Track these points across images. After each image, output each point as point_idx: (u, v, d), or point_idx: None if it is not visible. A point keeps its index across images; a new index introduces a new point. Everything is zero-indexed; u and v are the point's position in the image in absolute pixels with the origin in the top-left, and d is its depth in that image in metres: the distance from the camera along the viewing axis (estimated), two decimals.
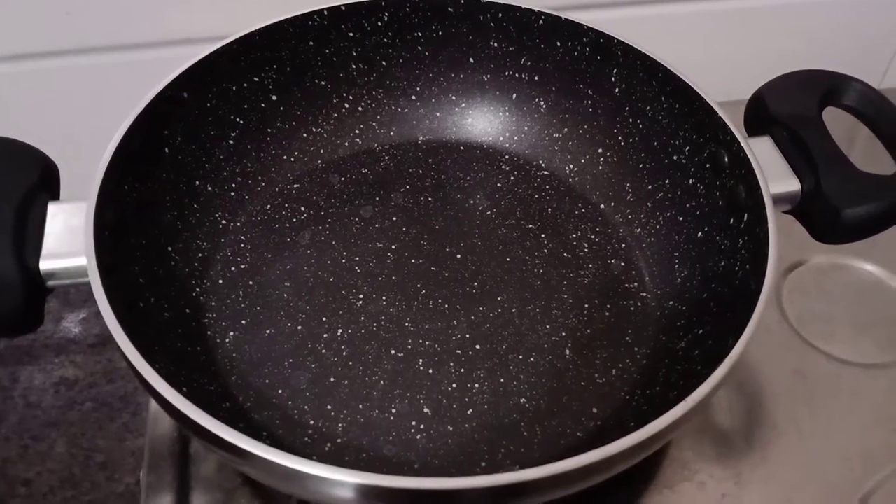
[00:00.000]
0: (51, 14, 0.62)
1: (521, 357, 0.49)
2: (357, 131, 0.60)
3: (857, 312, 0.59)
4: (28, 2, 0.61)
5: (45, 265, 0.44)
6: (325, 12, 0.57)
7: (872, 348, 0.57)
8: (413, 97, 0.61)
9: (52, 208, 0.46)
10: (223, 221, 0.55)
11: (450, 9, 0.58)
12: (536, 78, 0.59)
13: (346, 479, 0.36)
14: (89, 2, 0.62)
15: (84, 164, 0.47)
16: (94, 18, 0.63)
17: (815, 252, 0.60)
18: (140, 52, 0.65)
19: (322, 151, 0.59)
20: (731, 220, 0.48)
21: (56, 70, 0.65)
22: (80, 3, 0.62)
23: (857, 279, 0.61)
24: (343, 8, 0.57)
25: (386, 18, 0.58)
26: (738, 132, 0.49)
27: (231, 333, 0.50)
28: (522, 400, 0.47)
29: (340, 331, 0.50)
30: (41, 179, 0.47)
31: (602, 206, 0.57)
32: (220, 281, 0.52)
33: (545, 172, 0.59)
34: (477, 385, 0.48)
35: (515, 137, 0.60)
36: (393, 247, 0.54)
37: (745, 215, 0.47)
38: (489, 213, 0.57)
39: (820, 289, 0.60)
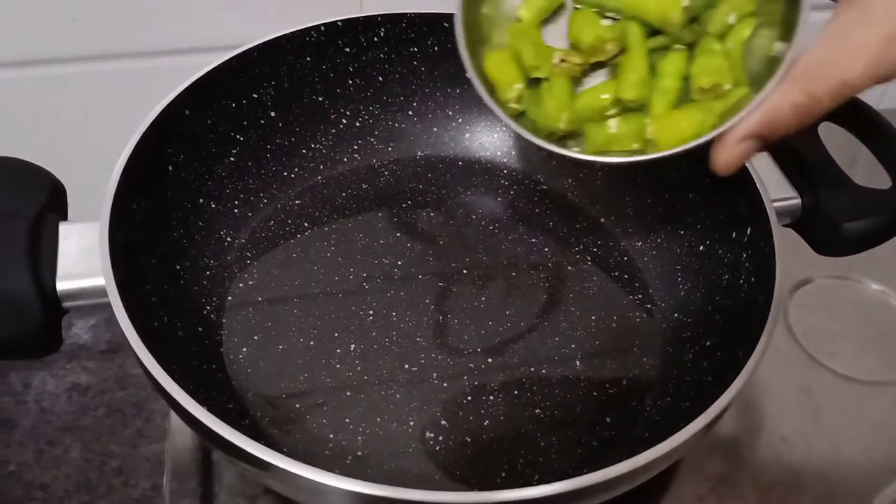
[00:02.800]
0: (55, 20, 0.62)
1: (532, 369, 0.50)
2: (356, 147, 0.61)
3: (861, 330, 0.61)
4: (32, 7, 0.61)
5: (61, 286, 0.44)
6: (322, 28, 0.57)
7: (876, 366, 0.58)
8: (410, 112, 0.61)
9: (63, 229, 0.46)
10: (228, 239, 0.55)
11: (445, 24, 0.58)
12: None
13: (375, 492, 0.36)
14: (94, 9, 0.62)
15: (87, 174, 0.47)
16: (100, 26, 0.63)
17: (822, 270, 0.61)
18: (144, 61, 0.65)
19: (322, 167, 0.60)
20: (734, 234, 0.50)
21: (59, 77, 0.65)
22: (86, 9, 0.62)
23: (863, 297, 0.62)
24: (339, 24, 0.57)
25: (382, 34, 0.59)
26: None
27: (244, 349, 0.50)
28: (537, 411, 0.48)
29: (353, 346, 0.50)
30: (50, 200, 0.47)
31: (602, 220, 0.58)
32: (230, 297, 0.52)
33: (544, 187, 0.60)
34: (492, 397, 0.49)
35: (513, 152, 0.61)
36: (399, 263, 0.55)
37: (748, 229, 0.48)
38: (491, 227, 0.58)
39: (826, 306, 0.62)
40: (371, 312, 0.52)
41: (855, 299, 0.62)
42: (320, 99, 0.59)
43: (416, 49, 0.60)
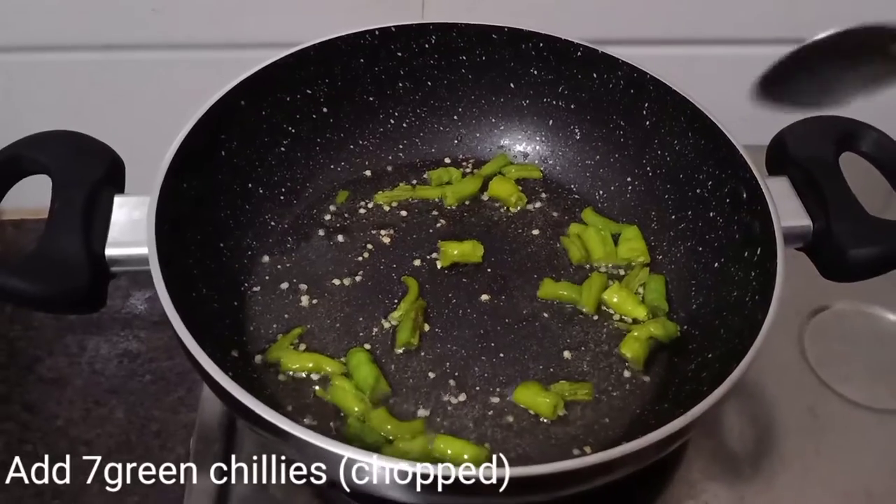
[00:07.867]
0: (138, 8, 0.67)
1: (541, 367, 0.52)
2: (401, 146, 0.64)
3: (875, 359, 0.61)
4: None
5: (109, 252, 0.48)
6: (377, 32, 0.60)
7: (886, 394, 0.59)
8: (455, 117, 0.64)
9: (118, 200, 0.50)
10: (272, 223, 0.59)
11: (493, 36, 0.61)
12: (573, 106, 0.62)
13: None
14: (175, 1, 0.67)
15: (149, 151, 0.51)
16: (178, 17, 0.68)
17: (840, 298, 0.62)
18: (214, 52, 0.70)
19: (367, 163, 0.63)
20: (746, 253, 0.51)
21: (134, 62, 0.70)
22: (167, 1, 0.66)
23: (879, 326, 0.63)
24: (393, 29, 0.60)
25: (433, 41, 0.61)
26: (758, 171, 0.52)
27: (275, 325, 0.54)
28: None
29: (375, 330, 0.54)
30: (108, 173, 0.51)
31: None
32: (267, 277, 0.56)
33: (576, 196, 0.62)
34: (498, 388, 0.51)
35: (550, 161, 0.63)
36: (427, 258, 0.58)
37: (758, 249, 0.50)
38: (520, 231, 0.60)
39: (841, 333, 0.62)
40: (396, 302, 0.55)
41: (871, 328, 0.62)
42: (371, 99, 0.62)
43: (464, 58, 0.62)
